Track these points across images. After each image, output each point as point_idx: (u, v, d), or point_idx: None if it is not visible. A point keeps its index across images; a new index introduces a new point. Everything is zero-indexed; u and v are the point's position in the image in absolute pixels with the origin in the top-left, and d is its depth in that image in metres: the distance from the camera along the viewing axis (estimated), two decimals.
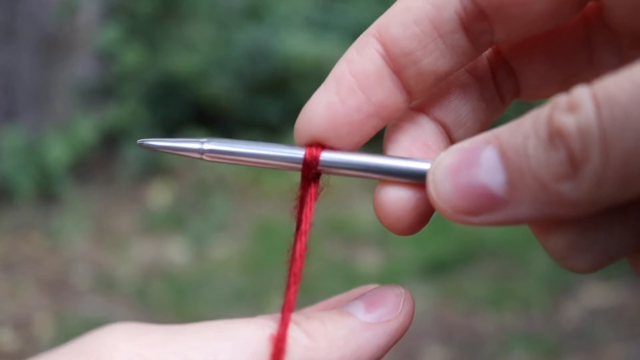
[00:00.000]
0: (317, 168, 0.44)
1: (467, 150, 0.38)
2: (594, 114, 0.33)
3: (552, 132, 0.34)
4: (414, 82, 0.43)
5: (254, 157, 0.44)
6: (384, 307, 0.44)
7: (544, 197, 0.35)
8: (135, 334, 0.39)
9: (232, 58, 4.87)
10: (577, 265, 0.39)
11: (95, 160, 4.46)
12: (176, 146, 0.45)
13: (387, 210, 0.43)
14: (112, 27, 4.57)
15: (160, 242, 3.72)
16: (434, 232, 3.76)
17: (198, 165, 4.50)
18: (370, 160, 0.43)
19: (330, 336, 0.41)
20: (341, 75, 0.43)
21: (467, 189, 0.38)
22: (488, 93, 0.47)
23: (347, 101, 0.43)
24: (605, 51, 0.45)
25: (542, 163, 0.35)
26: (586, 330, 2.81)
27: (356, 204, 4.06)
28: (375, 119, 0.44)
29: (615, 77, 0.33)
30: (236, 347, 0.40)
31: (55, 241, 3.65)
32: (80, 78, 4.56)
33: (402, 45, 0.42)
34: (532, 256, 3.46)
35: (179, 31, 4.90)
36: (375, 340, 0.42)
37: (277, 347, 0.40)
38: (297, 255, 0.43)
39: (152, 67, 4.67)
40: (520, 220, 0.38)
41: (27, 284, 3.23)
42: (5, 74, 4.38)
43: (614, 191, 0.33)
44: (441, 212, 0.39)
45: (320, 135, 0.43)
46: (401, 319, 0.44)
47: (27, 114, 4.44)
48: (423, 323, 2.94)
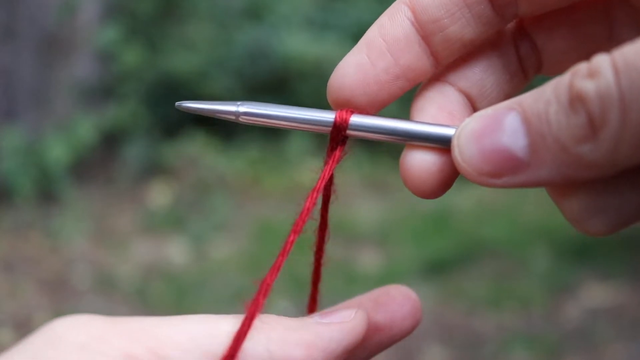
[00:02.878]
0: (346, 131, 0.46)
1: (490, 116, 0.40)
2: (613, 79, 0.34)
3: (573, 97, 0.36)
4: (440, 48, 0.46)
5: (286, 119, 0.46)
6: (337, 315, 0.46)
7: (564, 159, 0.37)
8: (82, 325, 0.39)
9: (232, 58, 4.87)
10: (592, 227, 0.40)
11: (95, 160, 4.46)
12: (213, 108, 0.47)
13: (412, 173, 0.45)
14: (112, 27, 4.57)
15: (160, 242, 3.72)
16: (434, 232, 3.76)
17: (198, 165, 4.51)
18: (397, 125, 0.46)
19: (285, 324, 0.43)
20: (372, 39, 0.46)
21: (490, 152, 0.40)
22: (512, 67, 0.50)
23: (377, 62, 0.46)
24: (624, 26, 0.47)
25: (562, 126, 0.36)
26: (586, 330, 2.81)
27: (356, 204, 4.06)
28: (402, 81, 0.47)
29: (633, 45, 0.35)
30: (197, 320, 0.41)
31: (55, 241, 3.65)
32: (80, 78, 4.56)
33: (430, 12, 0.45)
34: (532, 256, 3.46)
35: (179, 31, 4.90)
36: (328, 332, 0.43)
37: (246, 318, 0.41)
38: (305, 208, 0.45)
39: (152, 67, 4.67)
40: (541, 182, 0.39)
41: (27, 284, 3.23)
42: (5, 74, 4.38)
43: (632, 153, 0.35)
44: (465, 174, 0.41)
45: (351, 93, 0.46)
46: (354, 323, 0.45)
47: (27, 114, 4.44)
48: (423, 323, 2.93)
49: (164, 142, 4.57)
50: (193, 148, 4.56)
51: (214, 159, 4.54)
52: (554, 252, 3.44)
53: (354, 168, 4.61)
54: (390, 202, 4.15)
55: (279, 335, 0.42)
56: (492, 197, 4.21)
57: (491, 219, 3.94)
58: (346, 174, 4.56)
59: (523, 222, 3.76)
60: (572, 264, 3.33)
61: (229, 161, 4.58)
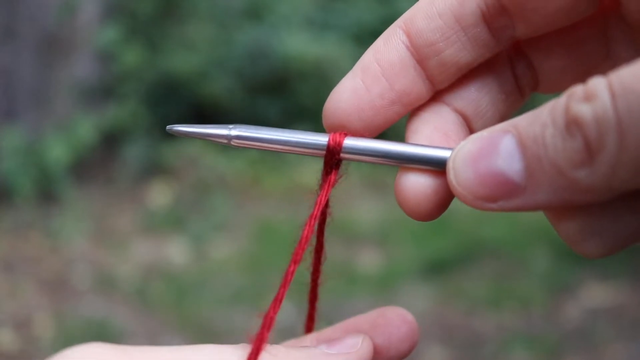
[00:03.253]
0: (340, 155, 0.46)
1: (486, 138, 0.40)
2: (610, 103, 0.34)
3: (569, 120, 0.35)
4: (436, 72, 0.46)
5: (279, 143, 0.46)
6: (343, 344, 0.46)
7: (560, 184, 0.37)
8: (93, 357, 0.39)
9: (232, 58, 4.87)
10: (588, 249, 0.40)
11: (95, 160, 4.46)
12: (205, 132, 0.48)
13: (407, 195, 0.45)
14: (112, 27, 4.57)
15: (160, 242, 3.72)
16: (434, 232, 3.76)
17: (198, 165, 4.51)
18: (391, 148, 0.45)
19: (292, 357, 0.43)
20: (368, 63, 0.46)
21: (486, 176, 0.39)
22: (507, 86, 0.49)
23: (372, 88, 0.46)
24: (621, 45, 0.47)
25: (559, 150, 0.36)
26: (586, 330, 2.81)
27: (356, 204, 4.06)
28: (398, 106, 0.46)
29: (630, 67, 0.34)
30: (209, 355, 0.41)
31: (55, 241, 3.65)
32: (80, 78, 4.56)
33: (426, 36, 0.45)
34: (532, 256, 3.46)
35: (179, 31, 4.90)
36: None
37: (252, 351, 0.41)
38: (302, 237, 0.45)
39: (152, 67, 4.67)
40: (537, 206, 0.39)
41: (27, 284, 3.23)
42: (5, 74, 4.38)
43: (629, 177, 0.35)
44: (461, 198, 0.41)
45: (346, 118, 0.46)
46: (360, 352, 0.45)
47: (27, 114, 4.44)
48: (423, 323, 2.94)
49: (164, 142, 4.57)
50: (193, 148, 4.56)
51: (214, 159, 4.54)
52: (554, 252, 3.44)
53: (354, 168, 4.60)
54: (390, 202, 4.15)
55: None
56: None
57: (491, 219, 3.94)
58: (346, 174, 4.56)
59: (523, 222, 3.76)
60: (572, 264, 3.33)
61: (229, 161, 4.58)
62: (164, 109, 4.70)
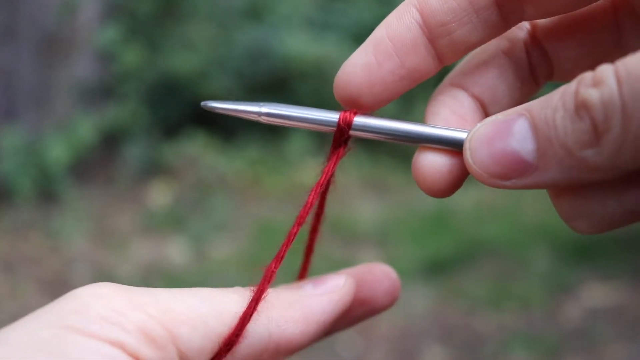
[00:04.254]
0: (349, 132, 0.48)
1: (501, 121, 0.43)
2: (616, 88, 0.36)
3: (578, 104, 0.38)
4: (446, 50, 0.48)
5: (299, 120, 0.49)
6: (328, 284, 0.51)
7: (569, 163, 0.39)
8: (105, 296, 0.42)
9: (232, 58, 4.87)
10: (578, 227, 0.44)
11: (95, 160, 4.46)
12: (237, 108, 0.51)
13: (424, 173, 0.47)
14: (112, 27, 4.57)
15: (160, 242, 3.72)
16: (434, 232, 3.76)
17: (198, 165, 4.51)
18: (408, 127, 0.48)
19: (285, 302, 0.47)
20: (380, 39, 0.48)
21: (500, 155, 0.42)
22: (523, 74, 0.52)
23: (383, 64, 0.47)
24: (632, 35, 0.49)
25: (568, 132, 0.39)
26: (586, 330, 2.81)
27: (356, 203, 4.06)
28: (407, 81, 0.48)
29: (635, 55, 0.37)
30: (207, 299, 0.45)
31: (55, 241, 3.65)
32: (80, 78, 4.56)
33: (439, 16, 0.46)
34: (532, 256, 3.46)
35: (179, 31, 4.90)
36: (320, 305, 0.48)
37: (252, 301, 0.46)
38: (308, 202, 0.48)
39: (152, 67, 4.67)
40: (547, 184, 0.42)
41: (27, 284, 3.23)
42: (5, 74, 4.38)
43: (632, 157, 0.37)
44: (476, 176, 0.44)
45: (357, 92, 0.48)
46: (343, 292, 0.50)
47: (27, 114, 4.44)
48: (423, 323, 2.94)
49: (164, 142, 4.57)
50: (193, 148, 4.56)
51: (214, 159, 4.54)
52: (554, 252, 3.44)
53: (354, 168, 4.61)
54: (390, 202, 4.15)
55: (279, 314, 0.46)
56: (492, 198, 4.21)
57: (491, 219, 3.94)
58: (346, 174, 4.56)
59: (523, 222, 3.76)
60: (572, 264, 3.33)
61: (229, 161, 4.58)
62: (164, 109, 4.70)
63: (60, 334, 0.39)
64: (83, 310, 0.40)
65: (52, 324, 0.39)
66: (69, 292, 0.42)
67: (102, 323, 0.39)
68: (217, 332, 0.43)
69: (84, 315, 0.40)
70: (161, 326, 0.41)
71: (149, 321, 0.40)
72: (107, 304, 0.40)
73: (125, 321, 0.40)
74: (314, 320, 0.47)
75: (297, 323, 0.46)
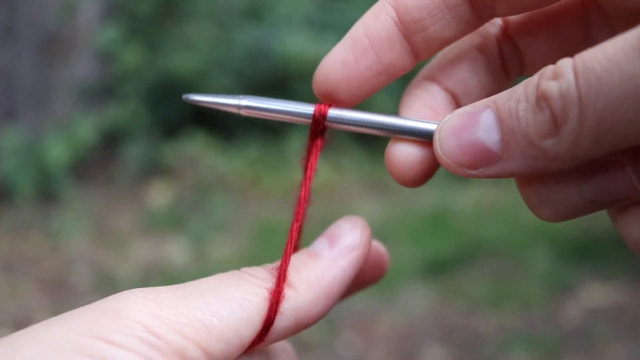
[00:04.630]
0: (325, 123, 0.50)
1: (468, 112, 0.45)
2: (573, 81, 0.38)
3: (539, 96, 0.40)
4: (421, 46, 0.50)
5: (277, 112, 0.51)
6: (345, 241, 0.50)
7: (531, 153, 0.41)
8: (150, 296, 0.43)
9: (232, 58, 4.87)
10: (542, 215, 0.46)
11: (95, 160, 4.46)
12: (217, 101, 0.52)
13: (396, 163, 0.50)
14: (112, 27, 4.57)
15: (160, 242, 3.72)
16: (434, 232, 3.76)
17: (198, 165, 4.50)
18: (379, 119, 0.50)
19: (306, 281, 0.47)
20: (357, 36, 0.50)
21: (467, 146, 0.44)
22: (495, 68, 0.54)
23: (361, 60, 0.49)
24: (600, 30, 0.51)
25: (530, 123, 0.41)
26: (586, 330, 2.81)
27: (356, 204, 4.06)
28: (384, 76, 0.50)
29: (592, 50, 0.38)
30: (237, 307, 0.44)
31: (55, 241, 3.65)
32: (80, 78, 4.56)
33: (413, 13, 0.48)
34: (532, 256, 3.46)
35: (179, 31, 4.90)
36: (342, 273, 0.48)
37: (272, 305, 0.45)
38: (301, 197, 0.50)
39: (152, 67, 4.67)
40: (512, 173, 0.43)
41: (27, 284, 3.23)
42: (5, 74, 4.38)
43: (589, 147, 0.39)
44: (445, 165, 0.46)
45: (335, 87, 0.50)
46: (361, 250, 0.50)
47: (27, 114, 4.44)
48: (423, 323, 2.94)
49: (164, 142, 4.57)
50: (193, 148, 4.56)
51: (214, 159, 4.54)
52: (554, 252, 3.44)
53: (353, 168, 4.61)
54: (390, 202, 4.15)
55: (303, 301, 0.46)
56: (492, 197, 4.21)
57: (491, 219, 3.94)
58: (346, 174, 4.56)
59: (523, 222, 3.76)
60: (572, 264, 3.33)
61: (229, 161, 4.58)
62: (164, 109, 4.70)
63: (93, 344, 0.39)
64: (119, 317, 0.40)
65: (85, 331, 0.40)
66: (111, 296, 0.42)
67: (140, 344, 0.40)
68: (248, 338, 0.44)
69: (120, 322, 0.40)
70: (197, 346, 0.41)
71: (186, 344, 0.41)
72: (145, 315, 0.41)
73: (162, 345, 0.40)
74: (335, 293, 0.48)
75: (319, 302, 0.47)
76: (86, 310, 0.41)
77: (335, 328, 2.87)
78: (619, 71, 0.37)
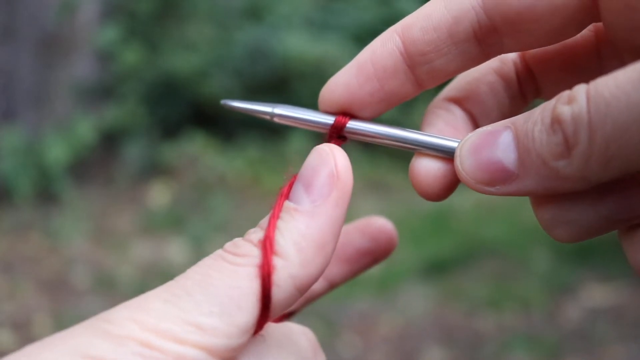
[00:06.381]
0: (343, 132, 0.53)
1: (488, 132, 0.47)
2: (585, 105, 0.40)
3: (554, 119, 0.42)
4: (425, 77, 0.51)
5: (305, 122, 0.54)
6: (320, 180, 0.47)
7: (544, 172, 0.43)
8: (134, 307, 0.41)
9: (232, 58, 4.87)
10: (558, 235, 0.47)
11: (95, 160, 4.46)
12: (253, 109, 0.54)
13: (420, 177, 0.51)
14: (112, 27, 4.57)
15: (159, 242, 3.72)
16: (434, 232, 3.76)
17: (198, 165, 4.50)
18: (408, 135, 0.52)
19: (292, 243, 0.44)
20: (363, 63, 0.51)
21: (486, 164, 0.46)
22: (512, 91, 0.56)
23: (364, 86, 0.51)
24: (612, 61, 0.53)
25: (544, 144, 0.43)
26: (586, 330, 2.81)
27: (356, 204, 4.05)
28: (385, 103, 0.52)
29: (605, 77, 0.40)
30: (227, 300, 0.42)
31: (54, 241, 3.65)
32: (80, 78, 4.56)
33: (419, 47, 0.50)
34: (532, 256, 3.46)
35: (179, 31, 4.90)
36: (329, 219, 0.46)
37: (264, 282, 0.43)
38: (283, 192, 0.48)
39: (152, 67, 4.67)
40: (527, 191, 0.45)
41: (26, 284, 3.23)
42: (5, 74, 4.38)
43: (598, 170, 0.41)
44: (464, 181, 0.48)
45: (337, 109, 0.52)
46: (341, 183, 0.48)
47: (27, 114, 4.44)
48: (423, 323, 2.94)
49: (163, 142, 4.57)
50: (193, 148, 4.56)
51: (214, 159, 4.54)
52: (554, 252, 3.44)
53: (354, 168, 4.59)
54: (390, 202, 4.15)
55: (296, 266, 0.44)
56: (492, 198, 4.20)
57: (491, 219, 3.94)
58: None
59: (523, 222, 3.76)
60: (572, 265, 3.33)
61: (228, 161, 4.58)
62: (164, 109, 4.70)
63: None
64: (112, 344, 0.39)
65: (80, 354, 0.38)
66: (88, 326, 0.40)
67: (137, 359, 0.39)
68: (249, 324, 0.42)
69: (113, 347, 0.39)
70: (195, 348, 0.41)
71: (183, 348, 0.40)
72: (134, 335, 0.40)
73: (160, 355, 0.39)
74: (329, 241, 0.46)
75: (314, 260, 0.45)
76: (75, 333, 0.40)
77: (335, 328, 2.86)
78: (627, 98, 0.39)
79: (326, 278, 0.60)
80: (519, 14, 0.48)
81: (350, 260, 0.61)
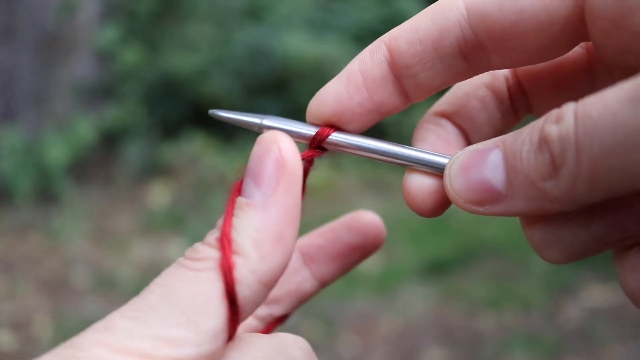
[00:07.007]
0: (323, 143, 0.51)
1: (478, 150, 0.46)
2: (572, 125, 0.39)
3: (541, 138, 0.41)
4: (411, 90, 0.50)
5: (291, 133, 0.52)
6: (266, 169, 0.46)
7: (532, 193, 0.42)
8: (100, 329, 0.40)
9: (232, 58, 4.87)
10: (548, 256, 0.46)
11: (95, 160, 4.46)
12: (241, 120, 0.55)
13: (412, 193, 0.50)
14: (112, 27, 4.57)
15: (159, 242, 3.72)
16: (434, 233, 3.76)
17: (197, 165, 4.50)
18: (399, 150, 0.51)
19: (248, 239, 0.44)
20: (352, 73, 0.50)
21: (475, 183, 0.45)
22: (503, 106, 0.55)
23: (353, 96, 0.50)
24: (604, 78, 0.52)
25: (531, 164, 0.42)
26: (586, 330, 2.81)
27: (356, 203, 4.05)
28: (375, 114, 0.51)
29: (594, 96, 0.39)
30: (191, 309, 0.42)
31: (54, 241, 3.65)
32: (80, 78, 4.56)
33: (405, 59, 0.49)
34: (532, 256, 3.46)
35: (179, 31, 4.90)
36: (282, 209, 0.44)
37: (227, 282, 0.42)
38: None
39: (152, 67, 4.67)
40: (515, 212, 0.44)
41: (26, 284, 3.23)
42: (5, 74, 4.38)
43: (586, 191, 0.40)
44: (453, 201, 0.47)
45: (327, 120, 0.51)
46: (288, 169, 0.45)
47: (27, 114, 4.44)
48: (423, 323, 2.94)
49: (163, 142, 4.57)
50: (193, 148, 4.56)
51: (214, 159, 4.54)
52: None
53: (353, 168, 4.61)
54: (390, 202, 4.15)
55: (256, 262, 0.43)
56: None
57: (491, 219, 3.94)
58: (346, 174, 4.56)
59: None
60: (572, 265, 3.32)
61: (228, 161, 4.58)
62: (164, 108, 4.70)
63: None
64: None
65: None
66: (57, 355, 0.39)
67: None
68: (219, 327, 0.41)
69: None
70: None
71: None
72: (104, 358, 0.39)
73: None
74: (287, 231, 0.44)
75: (274, 252, 0.43)
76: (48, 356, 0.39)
77: (335, 328, 2.86)
78: (613, 118, 0.37)
79: (317, 277, 0.60)
80: (504, 31, 0.46)
81: (339, 257, 0.61)
